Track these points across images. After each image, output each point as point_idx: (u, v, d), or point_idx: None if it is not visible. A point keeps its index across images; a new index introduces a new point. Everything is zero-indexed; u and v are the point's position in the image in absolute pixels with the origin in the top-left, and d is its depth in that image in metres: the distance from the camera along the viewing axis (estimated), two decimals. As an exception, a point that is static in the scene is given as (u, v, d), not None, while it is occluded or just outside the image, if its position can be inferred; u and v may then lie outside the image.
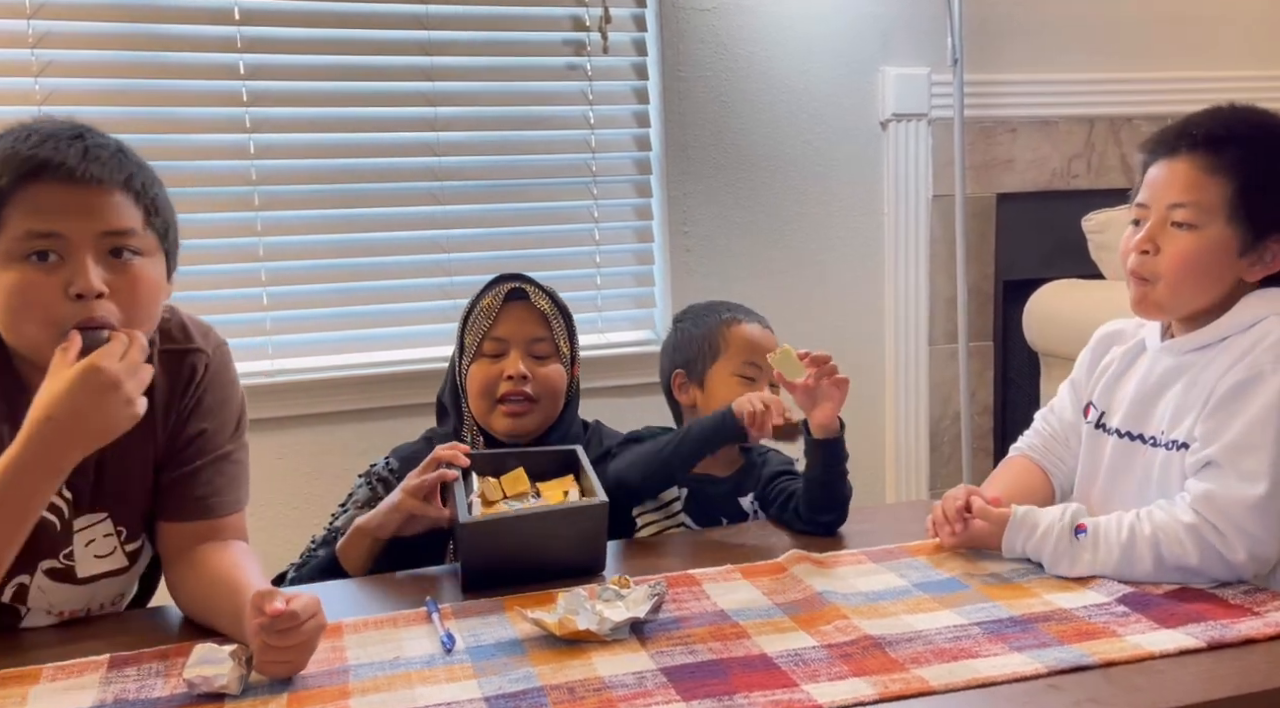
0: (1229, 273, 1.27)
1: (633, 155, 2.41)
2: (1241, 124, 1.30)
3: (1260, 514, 1.18)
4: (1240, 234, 1.26)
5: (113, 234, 1.12)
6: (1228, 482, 1.20)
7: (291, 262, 2.22)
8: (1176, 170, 1.28)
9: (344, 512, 1.52)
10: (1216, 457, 1.21)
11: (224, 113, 2.13)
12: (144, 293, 1.15)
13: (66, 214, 1.10)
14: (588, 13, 2.30)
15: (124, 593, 1.30)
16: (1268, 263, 1.27)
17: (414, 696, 1.01)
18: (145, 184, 1.16)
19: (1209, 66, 2.73)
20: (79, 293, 1.10)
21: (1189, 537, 1.20)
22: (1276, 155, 1.27)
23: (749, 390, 1.53)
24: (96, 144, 1.13)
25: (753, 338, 1.60)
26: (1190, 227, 1.27)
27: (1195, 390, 1.27)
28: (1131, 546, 1.22)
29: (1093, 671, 1.02)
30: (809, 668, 1.04)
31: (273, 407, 2.14)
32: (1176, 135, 1.30)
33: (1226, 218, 1.25)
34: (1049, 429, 1.50)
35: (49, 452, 1.08)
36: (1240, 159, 1.26)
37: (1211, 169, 1.26)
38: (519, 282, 1.56)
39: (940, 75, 2.50)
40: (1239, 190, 1.25)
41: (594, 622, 1.10)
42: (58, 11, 2.01)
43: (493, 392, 1.52)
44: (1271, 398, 1.20)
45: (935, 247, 2.58)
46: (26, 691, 1.05)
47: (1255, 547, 1.18)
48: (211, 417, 1.25)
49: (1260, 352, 1.22)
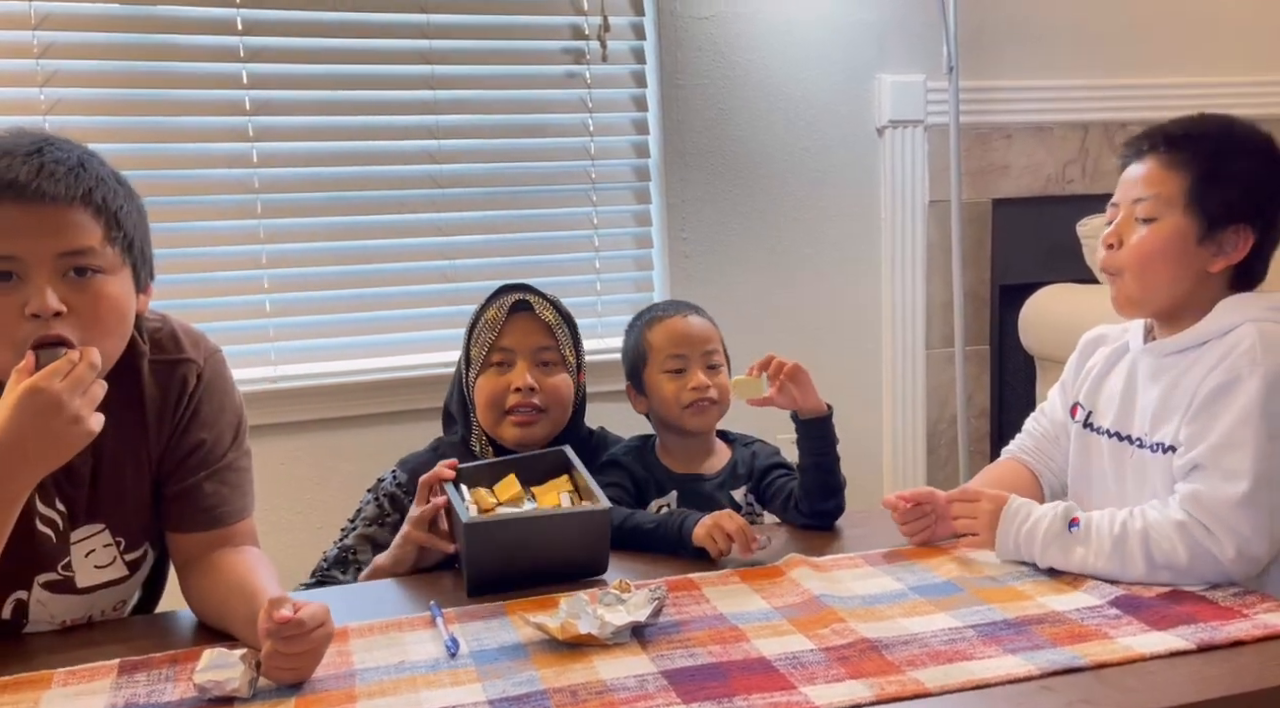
0: (1190, 262, 1.33)
1: (632, 162, 2.43)
2: (1203, 125, 1.37)
3: (1246, 511, 1.21)
4: (1196, 223, 1.32)
5: (70, 254, 1.09)
6: (1213, 481, 1.23)
7: (294, 269, 2.23)
8: (1141, 168, 1.37)
9: (353, 529, 1.53)
10: (1201, 458, 1.25)
11: (227, 122, 2.15)
12: (105, 310, 1.12)
13: (20, 235, 1.07)
14: (587, 21, 2.33)
15: (125, 600, 1.31)
16: (1227, 253, 1.33)
17: (419, 699, 1.03)
18: (106, 198, 1.12)
19: (1203, 72, 2.75)
20: (34, 313, 1.07)
21: (1179, 535, 1.22)
22: (1231, 151, 1.34)
23: (678, 383, 1.57)
24: (54, 159, 1.09)
25: (669, 331, 1.61)
26: (1150, 220, 1.34)
27: (1176, 393, 1.31)
28: (1123, 541, 1.24)
29: (1085, 672, 1.04)
30: (807, 671, 1.05)
31: (276, 413, 2.16)
32: (1143, 138, 1.38)
33: (1183, 208, 1.32)
34: (1039, 430, 1.54)
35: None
36: (1196, 154, 1.33)
37: (1171, 165, 1.34)
38: (522, 292, 1.57)
39: (936, 82, 2.52)
40: (1194, 182, 1.32)
41: (595, 626, 1.12)
42: (62, 22, 2.03)
43: (501, 403, 1.53)
44: (1249, 399, 1.23)
45: (932, 252, 2.60)
46: (39, 695, 1.07)
47: (1244, 545, 1.21)
48: (209, 427, 1.25)
49: (1237, 356, 1.26)
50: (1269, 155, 1.35)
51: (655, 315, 1.65)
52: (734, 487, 1.59)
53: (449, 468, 1.38)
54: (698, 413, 1.57)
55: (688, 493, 1.57)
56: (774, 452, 1.64)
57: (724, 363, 1.62)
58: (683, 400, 1.56)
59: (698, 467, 1.59)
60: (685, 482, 1.58)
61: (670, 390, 1.57)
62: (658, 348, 1.60)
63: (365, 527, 1.51)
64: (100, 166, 1.15)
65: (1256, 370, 1.24)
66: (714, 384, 1.57)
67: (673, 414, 1.58)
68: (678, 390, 1.57)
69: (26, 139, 1.11)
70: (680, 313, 1.63)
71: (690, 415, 1.57)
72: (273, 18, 2.15)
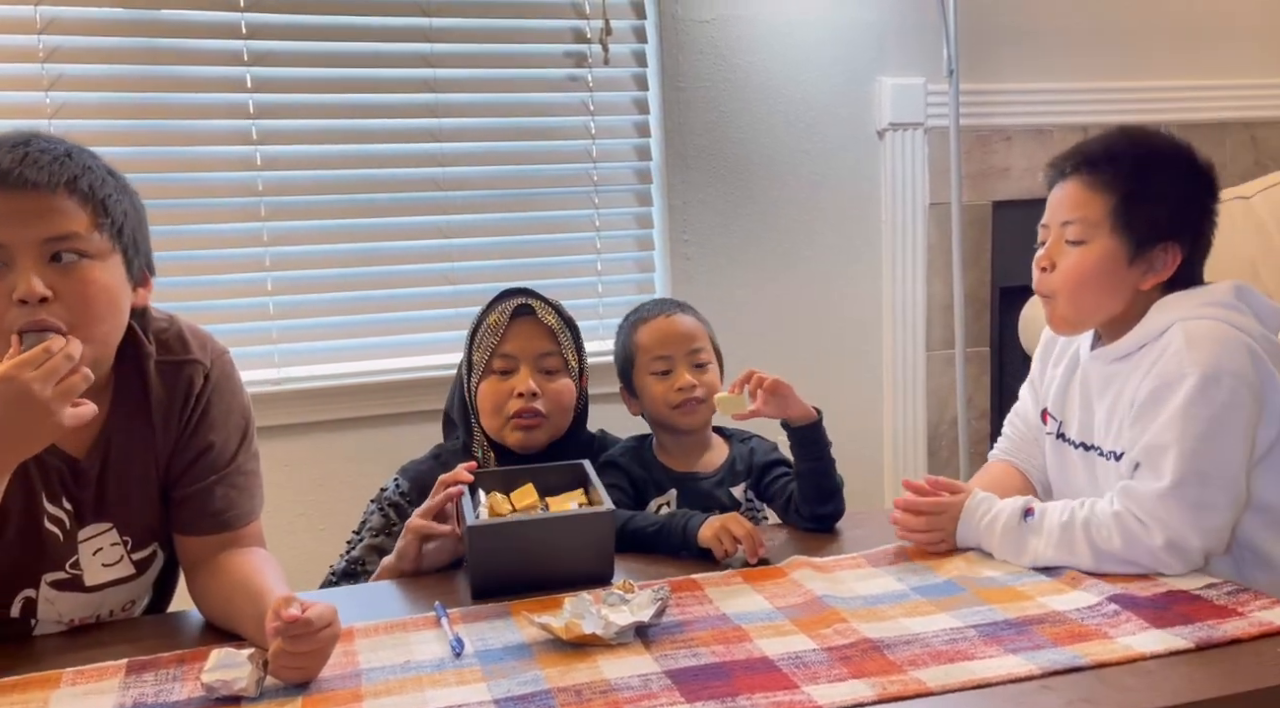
0: (1122, 282, 1.35)
1: (633, 165, 2.44)
2: (1124, 143, 1.38)
3: (1170, 503, 1.25)
4: (1125, 244, 1.34)
5: (55, 239, 1.10)
6: (1143, 476, 1.28)
7: (297, 271, 2.24)
8: (1066, 190, 1.38)
9: (359, 540, 1.53)
10: (1137, 456, 1.30)
11: (231, 125, 2.16)
12: (94, 294, 1.12)
13: (6, 222, 1.08)
14: (589, 25, 2.34)
15: (135, 599, 1.32)
16: (1158, 270, 1.35)
17: (425, 698, 1.03)
18: (92, 185, 1.12)
19: (1203, 75, 2.76)
20: (21, 299, 1.08)
21: (1115, 525, 1.27)
22: (1152, 170, 1.35)
23: (665, 384, 1.58)
24: (39, 149, 1.11)
25: (654, 331, 1.61)
26: (1080, 242, 1.35)
27: (1122, 400, 1.35)
28: (1069, 529, 1.29)
29: (1085, 672, 1.05)
30: (809, 670, 1.06)
31: (279, 415, 2.17)
32: (1065, 158, 1.40)
33: (1110, 230, 1.34)
34: (1017, 433, 1.58)
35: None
36: (1118, 175, 1.35)
37: (1094, 186, 1.35)
38: (525, 297, 1.57)
39: (936, 85, 2.53)
40: (1118, 203, 1.34)
41: (599, 626, 1.13)
42: (67, 26, 2.04)
43: (503, 409, 1.53)
44: (1178, 403, 1.27)
45: (932, 254, 2.61)
46: (48, 695, 1.08)
47: (1173, 535, 1.25)
48: (217, 430, 1.26)
49: (1167, 359, 1.29)
50: (1189, 168, 1.37)
51: (641, 316, 1.65)
52: (733, 484, 1.60)
53: (468, 471, 1.38)
54: (687, 413, 1.57)
55: (687, 491, 1.58)
56: (772, 447, 1.65)
57: (712, 360, 1.62)
58: (670, 401, 1.57)
59: (696, 465, 1.60)
60: (684, 480, 1.58)
61: (658, 392, 1.58)
62: (644, 349, 1.61)
63: (372, 537, 1.51)
64: (90, 158, 1.15)
65: (1185, 372, 1.27)
66: (701, 383, 1.57)
67: (662, 414, 1.59)
68: (665, 391, 1.58)
69: (14, 135, 1.12)
70: (664, 312, 1.63)
71: (680, 415, 1.58)
72: (277, 22, 2.16)
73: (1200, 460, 1.25)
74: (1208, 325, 1.30)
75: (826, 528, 1.51)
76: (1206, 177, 1.38)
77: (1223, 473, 1.27)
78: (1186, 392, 1.26)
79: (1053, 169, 1.42)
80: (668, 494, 1.58)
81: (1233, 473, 1.27)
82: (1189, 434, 1.25)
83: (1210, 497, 1.26)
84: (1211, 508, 1.26)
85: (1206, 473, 1.26)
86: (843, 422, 2.60)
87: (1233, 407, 1.26)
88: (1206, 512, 1.26)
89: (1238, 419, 1.27)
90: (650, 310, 1.65)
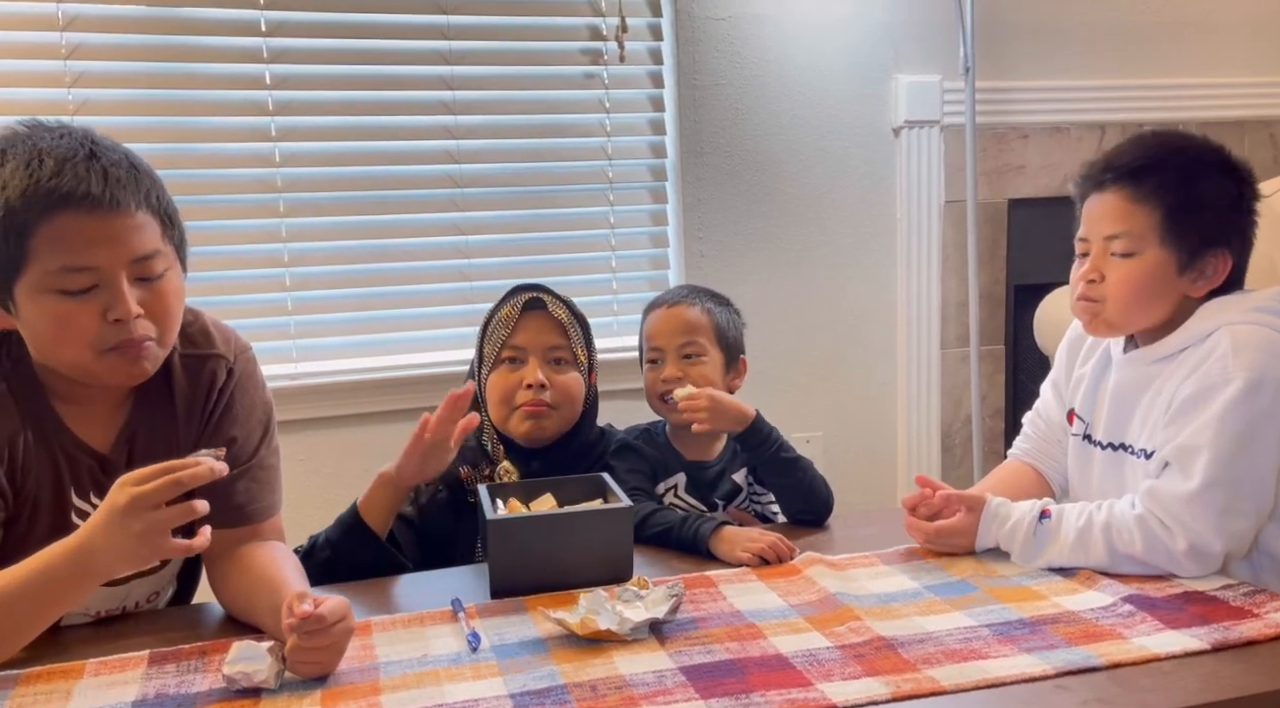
0: (1173, 291, 1.34)
1: (648, 162, 2.44)
2: (1161, 150, 1.36)
3: (1196, 507, 1.24)
4: (1176, 254, 1.33)
5: (143, 259, 1.13)
6: (1171, 478, 1.27)
7: (315, 267, 2.26)
8: (1107, 203, 1.36)
9: None
10: (1167, 456, 1.29)
11: (250, 122, 2.18)
12: (173, 304, 1.18)
13: (97, 245, 1.10)
14: (605, 22, 2.34)
15: (159, 591, 1.34)
16: (1209, 277, 1.34)
17: (442, 692, 1.04)
18: (159, 197, 1.16)
19: (1221, 73, 2.75)
20: (118, 319, 1.12)
21: (1138, 527, 1.26)
22: (1194, 178, 1.33)
23: (654, 373, 1.60)
24: (111, 162, 1.11)
25: (653, 321, 1.64)
26: (1129, 255, 1.34)
27: (1160, 400, 1.34)
28: (1087, 531, 1.29)
29: (1100, 672, 1.05)
30: (823, 668, 1.07)
31: (296, 409, 2.18)
32: (1102, 169, 1.37)
33: (1159, 241, 1.33)
34: (1037, 432, 1.56)
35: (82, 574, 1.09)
36: (1161, 186, 1.33)
37: (1137, 198, 1.33)
38: (536, 291, 1.59)
39: (952, 82, 2.52)
40: (1165, 215, 1.32)
41: (614, 622, 1.13)
42: (90, 24, 2.06)
43: (511, 400, 1.54)
44: (1217, 406, 1.26)
45: (947, 251, 2.61)
46: (71, 686, 1.09)
47: (1195, 539, 1.24)
48: (240, 424, 1.28)
49: (1212, 362, 1.28)
50: (1230, 171, 1.35)
51: (653, 304, 1.67)
52: (734, 471, 1.61)
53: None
54: (672, 408, 1.56)
55: (694, 477, 1.59)
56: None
57: (707, 353, 1.61)
58: (655, 391, 1.60)
59: (701, 455, 1.61)
60: (692, 467, 1.60)
61: (648, 382, 1.62)
62: (645, 337, 1.65)
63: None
64: (142, 162, 1.17)
65: (1230, 377, 1.26)
66: (688, 376, 1.57)
67: (653, 406, 1.61)
68: (653, 382, 1.60)
69: (72, 143, 1.11)
70: (668, 302, 1.64)
71: (663, 407, 1.59)
72: (295, 19, 2.17)
73: (1233, 466, 1.24)
74: (1254, 332, 1.28)
75: (819, 524, 1.53)
76: (1246, 177, 1.37)
77: (1253, 479, 1.26)
78: (1229, 396, 1.25)
79: (1085, 180, 1.39)
80: (676, 477, 1.59)
81: (1264, 479, 1.27)
82: (1224, 438, 1.24)
83: (1238, 502, 1.25)
84: (1238, 514, 1.25)
85: (1237, 479, 1.25)
86: (856, 419, 2.63)
87: (1272, 414, 1.25)
88: (1232, 517, 1.25)
89: (1275, 427, 1.26)
90: (662, 298, 1.67)
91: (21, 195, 1.07)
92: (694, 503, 1.59)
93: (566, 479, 1.45)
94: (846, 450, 2.59)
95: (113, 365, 1.15)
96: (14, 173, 1.08)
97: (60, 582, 1.09)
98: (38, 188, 1.07)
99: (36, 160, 1.08)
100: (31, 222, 1.08)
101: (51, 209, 1.08)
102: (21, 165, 1.08)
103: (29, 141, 1.10)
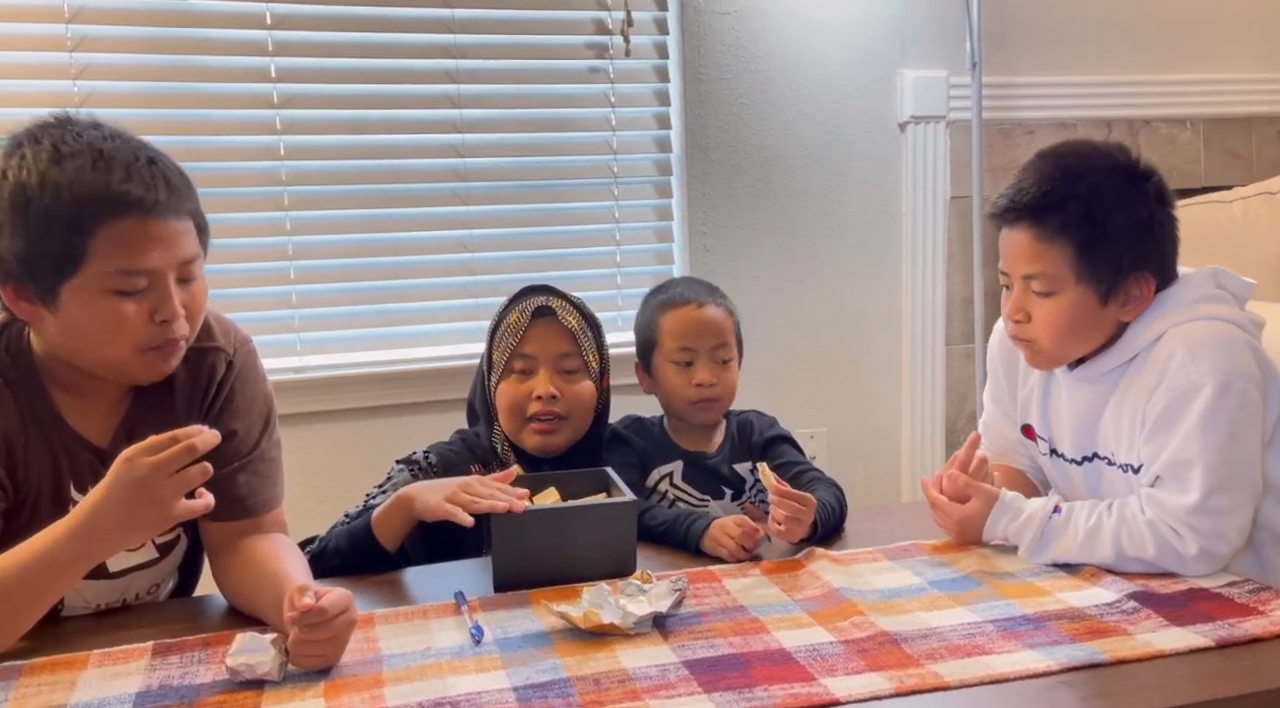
0: (1102, 320, 1.33)
1: (654, 157, 2.44)
2: (1063, 179, 1.31)
3: (1202, 517, 1.25)
4: (1094, 288, 1.31)
5: (187, 262, 1.18)
6: (1170, 491, 1.27)
7: (320, 260, 2.26)
8: (1018, 242, 1.34)
9: (381, 493, 1.54)
10: (1160, 472, 1.29)
11: (255, 115, 2.17)
12: (202, 302, 1.22)
13: (154, 249, 1.13)
14: (610, 16, 2.34)
15: (159, 583, 1.34)
16: (1136, 299, 1.32)
17: (445, 685, 1.04)
18: (195, 201, 1.20)
19: (1227, 69, 2.74)
20: (165, 319, 1.15)
21: (1149, 532, 1.27)
22: (1099, 209, 1.30)
23: (685, 376, 1.57)
24: (168, 168, 1.16)
25: (682, 320, 1.59)
26: (1048, 294, 1.32)
27: (1125, 412, 1.34)
28: (1097, 531, 1.29)
29: (1104, 668, 1.05)
30: (827, 663, 1.07)
31: (300, 403, 2.18)
32: (1007, 206, 1.35)
33: (1075, 279, 1.31)
34: (995, 448, 1.55)
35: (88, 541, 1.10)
36: (1066, 223, 1.30)
37: (1044, 237, 1.31)
38: (546, 296, 1.55)
39: (958, 78, 2.52)
40: (1076, 253, 1.30)
41: (618, 616, 1.14)
42: (95, 16, 2.06)
43: (522, 410, 1.52)
44: (1195, 417, 1.26)
45: (952, 247, 2.60)
46: (75, 676, 1.10)
47: (1206, 544, 1.25)
48: (240, 417, 1.28)
49: (1173, 372, 1.27)
50: (1135, 186, 1.31)
51: (671, 298, 1.63)
52: (735, 460, 1.60)
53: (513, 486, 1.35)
54: (702, 409, 1.57)
55: (695, 466, 1.59)
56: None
57: (734, 356, 1.61)
58: (688, 396, 1.57)
59: (700, 446, 1.61)
60: (691, 457, 1.59)
61: (677, 383, 1.58)
62: (668, 335, 1.60)
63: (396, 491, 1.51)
64: (173, 164, 1.19)
65: (1198, 383, 1.26)
66: (720, 381, 1.57)
67: (677, 406, 1.60)
68: (684, 385, 1.58)
69: (127, 144, 1.14)
70: (694, 300, 1.61)
71: (695, 411, 1.58)
72: (301, 12, 2.17)
73: (1225, 470, 1.25)
74: (1205, 329, 1.28)
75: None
76: (1155, 187, 1.33)
77: (1244, 474, 1.27)
78: (1203, 404, 1.25)
79: (993, 216, 1.37)
80: (673, 464, 1.58)
81: (1253, 467, 1.28)
82: (1211, 446, 1.25)
83: (1236, 500, 1.26)
84: (1239, 510, 1.26)
85: (1230, 479, 1.25)
86: (860, 415, 2.62)
87: (1246, 407, 1.26)
88: (1234, 515, 1.26)
89: (1253, 418, 1.27)
90: (682, 295, 1.63)
91: (91, 196, 1.10)
92: (692, 491, 1.58)
93: (570, 473, 1.44)
94: (850, 446, 2.59)
95: (149, 363, 1.18)
96: (79, 172, 1.10)
97: (61, 564, 1.10)
98: (107, 191, 1.10)
99: (103, 162, 1.11)
100: (92, 224, 1.10)
101: (117, 212, 1.11)
102: (87, 165, 1.10)
103: (81, 139, 1.12)
